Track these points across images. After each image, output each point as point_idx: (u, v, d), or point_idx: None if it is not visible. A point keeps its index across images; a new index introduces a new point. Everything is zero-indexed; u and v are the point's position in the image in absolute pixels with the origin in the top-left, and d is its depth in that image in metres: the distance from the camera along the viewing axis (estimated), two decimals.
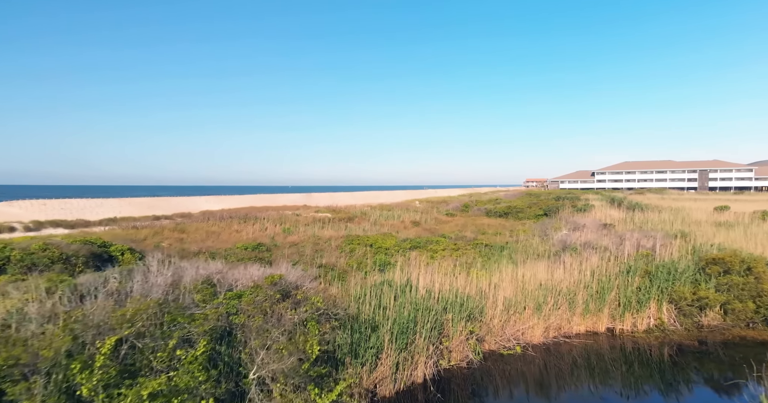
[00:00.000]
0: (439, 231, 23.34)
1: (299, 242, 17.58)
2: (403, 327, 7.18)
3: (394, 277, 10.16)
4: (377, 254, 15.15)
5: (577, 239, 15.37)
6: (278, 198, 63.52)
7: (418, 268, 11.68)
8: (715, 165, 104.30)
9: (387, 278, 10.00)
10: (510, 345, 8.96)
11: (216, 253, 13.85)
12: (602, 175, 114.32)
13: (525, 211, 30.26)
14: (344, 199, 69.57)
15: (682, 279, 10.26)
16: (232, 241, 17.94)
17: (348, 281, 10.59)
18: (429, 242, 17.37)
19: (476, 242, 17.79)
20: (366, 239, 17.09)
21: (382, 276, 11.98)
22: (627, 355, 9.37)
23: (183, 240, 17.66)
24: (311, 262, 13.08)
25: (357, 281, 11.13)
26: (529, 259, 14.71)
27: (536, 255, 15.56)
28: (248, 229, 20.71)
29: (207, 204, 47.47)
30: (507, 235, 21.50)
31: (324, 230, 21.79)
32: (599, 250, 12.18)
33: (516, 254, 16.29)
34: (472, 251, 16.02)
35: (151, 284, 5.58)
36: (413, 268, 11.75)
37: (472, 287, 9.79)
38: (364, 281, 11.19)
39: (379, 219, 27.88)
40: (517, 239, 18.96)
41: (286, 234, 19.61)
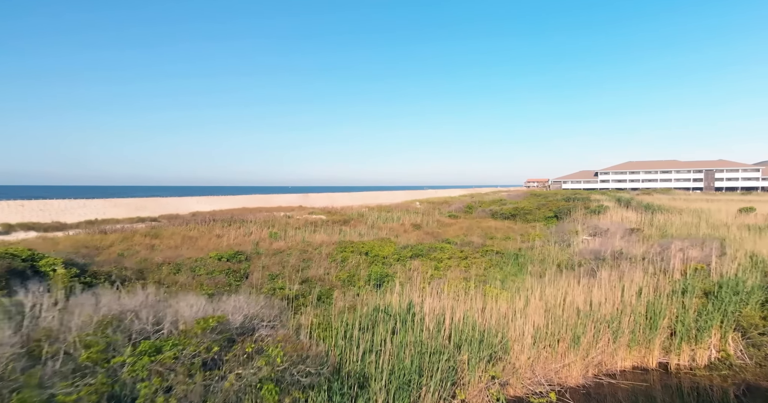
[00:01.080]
0: (443, 235, 21.31)
1: (286, 249, 15.54)
2: (404, 380, 5.17)
3: (392, 300, 8.15)
4: (373, 265, 13.13)
5: (603, 246, 13.35)
6: (274, 198, 61.44)
7: (422, 287, 9.66)
8: (721, 165, 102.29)
9: (383, 302, 7.97)
10: (542, 390, 6.94)
11: (182, 264, 11.81)
12: (606, 175, 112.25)
13: (534, 212, 28.23)
14: (342, 200, 67.48)
15: (751, 301, 8.25)
16: (210, 247, 15.91)
17: (334, 304, 8.57)
18: (432, 248, 15.35)
19: (485, 249, 15.78)
20: (361, 245, 15.07)
21: (377, 294, 10.00)
22: (685, 397, 7.39)
23: (154, 247, 15.63)
24: (294, 276, 11.06)
25: (346, 302, 9.12)
26: (551, 271, 12.70)
27: (556, 265, 13.55)
28: (232, 233, 18.68)
29: (198, 205, 45.42)
30: (518, 240, 19.48)
31: (315, 234, 19.76)
32: (637, 262, 10.16)
33: (533, 263, 14.28)
34: (483, 260, 14.00)
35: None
36: (415, 285, 9.74)
37: (490, 311, 7.78)
38: (354, 301, 9.18)
39: (377, 222, 25.85)
40: (532, 245, 16.94)
41: (273, 239, 17.58)
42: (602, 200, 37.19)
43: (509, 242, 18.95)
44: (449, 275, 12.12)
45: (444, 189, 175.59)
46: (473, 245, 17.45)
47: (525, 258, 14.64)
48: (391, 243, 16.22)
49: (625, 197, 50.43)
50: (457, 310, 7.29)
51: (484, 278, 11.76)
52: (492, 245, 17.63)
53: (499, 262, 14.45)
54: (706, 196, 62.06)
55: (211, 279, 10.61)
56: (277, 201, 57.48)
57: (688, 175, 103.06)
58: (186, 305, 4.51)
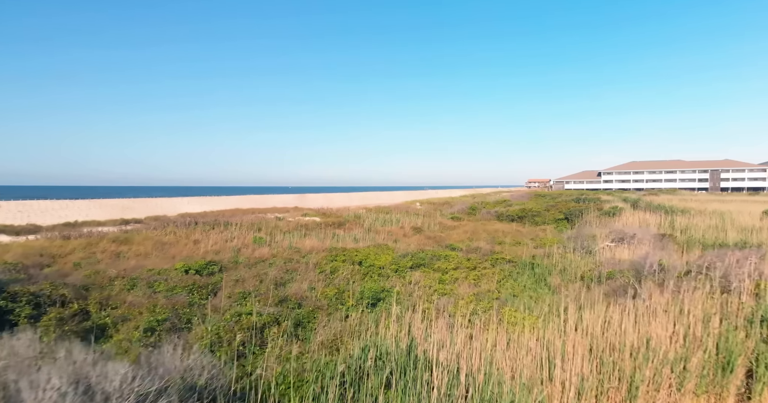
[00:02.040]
0: (446, 240, 19.47)
1: (269, 257, 13.70)
2: None
3: (389, 333, 6.32)
4: (367, 277, 11.28)
5: (636, 255, 11.52)
6: (270, 199, 59.57)
7: (424, 308, 7.84)
8: (727, 165, 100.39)
9: (378, 336, 6.12)
10: None
11: (140, 278, 9.95)
12: (609, 175, 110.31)
13: (542, 214, 26.38)
14: (340, 201, 65.52)
15: None
16: (183, 255, 14.07)
17: (314, 336, 6.74)
18: (436, 257, 13.50)
19: (495, 257, 13.94)
20: (354, 253, 13.22)
21: (371, 317, 8.18)
22: None
23: (121, 255, 13.78)
24: (271, 293, 9.20)
25: (331, 330, 7.28)
26: (575, 285, 10.85)
27: (580, 277, 11.71)
28: (212, 238, 16.83)
29: (189, 206, 43.56)
30: (530, 245, 17.63)
31: (306, 239, 17.92)
32: (691, 278, 8.33)
33: (552, 274, 12.44)
34: (494, 271, 12.16)
35: None
36: (418, 307, 7.90)
37: (516, 349, 5.94)
38: (342, 327, 7.34)
39: (374, 224, 24.00)
40: (547, 252, 15.09)
41: (257, 245, 15.73)
42: (612, 201, 35.30)
43: (520, 247, 17.10)
44: (457, 291, 10.29)
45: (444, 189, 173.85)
46: (481, 252, 15.61)
47: (542, 268, 12.80)
48: (388, 250, 14.38)
49: (632, 198, 48.50)
50: (474, 352, 5.43)
51: (498, 294, 9.91)
52: (502, 251, 15.79)
53: (512, 272, 12.61)
54: (715, 197, 60.19)
55: (169, 298, 8.76)
56: (272, 202, 55.58)
57: (693, 175, 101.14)
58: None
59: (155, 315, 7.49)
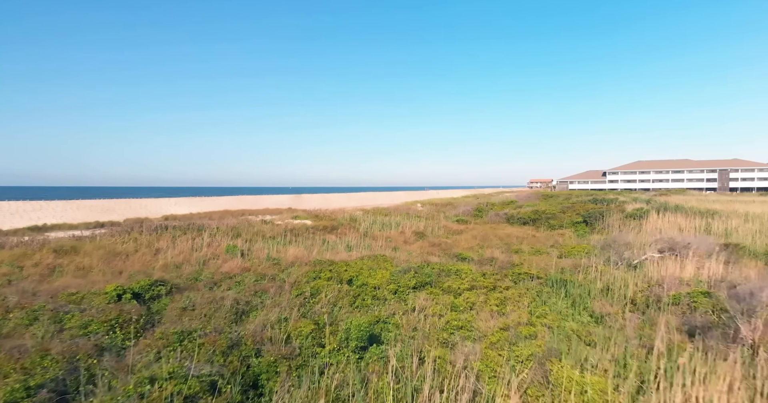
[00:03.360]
0: (453, 247, 16.93)
1: (239, 271, 11.17)
2: None
3: None
4: (358, 301, 8.75)
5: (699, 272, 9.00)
6: (265, 199, 56.98)
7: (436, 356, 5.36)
8: (736, 164, 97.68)
9: None
10: None
11: (43, 309, 7.38)
12: (614, 175, 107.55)
13: (558, 217, 23.81)
14: (337, 201, 62.93)
15: None
16: (136, 268, 11.56)
17: None
18: (444, 271, 10.97)
19: (516, 271, 11.40)
20: (344, 268, 10.69)
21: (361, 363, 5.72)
22: None
23: (56, 269, 11.26)
24: (225, 329, 6.67)
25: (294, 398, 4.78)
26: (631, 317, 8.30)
27: (630, 301, 9.16)
28: (179, 246, 14.30)
29: (176, 207, 41.04)
30: (552, 254, 15.08)
31: (291, 246, 15.38)
32: None
33: (592, 296, 9.90)
34: (518, 292, 9.62)
35: None
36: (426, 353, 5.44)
37: None
38: None
39: (371, 228, 21.46)
40: (576, 264, 12.53)
41: (229, 256, 13.20)
42: (626, 202, 32.70)
43: (542, 257, 14.56)
44: (477, 323, 7.75)
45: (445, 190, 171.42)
46: (497, 264, 13.07)
47: (578, 287, 10.25)
48: (386, 262, 11.84)
49: (642, 198, 45.93)
50: None
51: (533, 329, 7.38)
52: (521, 262, 13.26)
53: (540, 292, 10.06)
54: (730, 198, 57.53)
55: (75, 341, 6.23)
56: (266, 202, 53.01)
57: (701, 175, 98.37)
58: None
59: (31, 376, 4.98)
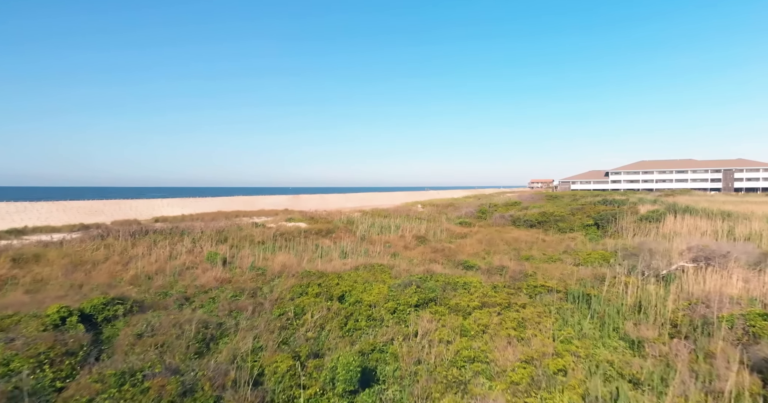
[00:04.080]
0: (457, 253, 15.59)
1: (216, 284, 9.83)
2: None
3: None
4: (351, 323, 7.41)
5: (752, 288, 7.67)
6: (261, 200, 55.58)
7: None
8: (740, 164, 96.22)
9: None
10: None
11: None
12: (617, 175, 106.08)
13: (567, 219, 22.47)
14: (336, 202, 61.52)
15: None
16: (102, 280, 10.23)
17: None
18: (449, 284, 9.63)
19: (531, 284, 10.06)
20: (335, 281, 9.35)
21: None
22: None
23: (10, 282, 9.92)
24: (183, 363, 5.33)
25: None
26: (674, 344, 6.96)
27: (671, 324, 7.82)
28: (156, 253, 12.96)
29: (168, 208, 39.70)
30: (567, 261, 13.75)
31: (280, 252, 14.05)
32: None
33: (623, 316, 8.55)
34: (538, 311, 8.29)
35: None
36: None
37: None
38: None
39: (369, 232, 20.12)
40: (597, 274, 11.17)
41: (210, 264, 11.86)
42: (637, 202, 31.31)
43: (555, 265, 13.22)
44: (493, 354, 6.41)
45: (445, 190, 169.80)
46: (507, 274, 11.74)
47: (603, 303, 8.90)
48: (383, 274, 10.51)
49: (648, 199, 44.60)
50: None
51: (561, 363, 6.05)
52: (534, 272, 11.91)
53: (561, 309, 8.72)
54: (737, 198, 56.19)
55: None
56: (262, 203, 51.61)
57: (705, 175, 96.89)
58: None
59: None
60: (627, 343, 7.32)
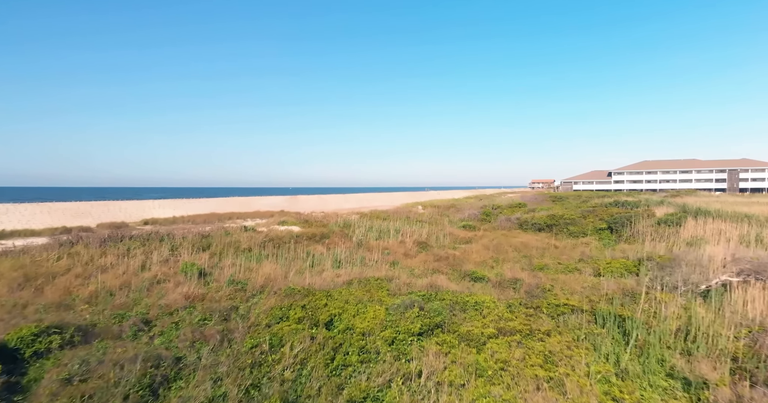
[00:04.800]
0: (463, 261, 14.21)
1: (183, 304, 8.44)
2: None
3: None
4: (338, 361, 6.01)
5: None
6: (258, 201, 54.16)
7: None
8: (745, 164, 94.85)
9: None
10: None
11: None
12: (620, 175, 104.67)
13: (578, 223, 21.09)
14: (334, 203, 60.10)
15: None
16: (58, 294, 8.84)
17: None
18: (458, 304, 8.25)
19: (552, 302, 8.67)
20: (323, 300, 7.95)
21: None
22: None
23: None
24: None
25: None
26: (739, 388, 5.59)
27: (726, 354, 6.45)
28: (127, 263, 11.57)
29: (159, 210, 38.32)
30: (586, 272, 12.36)
31: (267, 261, 12.65)
32: None
33: (665, 344, 7.17)
34: (565, 339, 6.90)
35: None
36: None
37: None
38: None
39: (366, 236, 18.73)
40: (624, 288, 9.78)
41: (184, 277, 10.46)
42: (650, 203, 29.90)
43: (573, 276, 11.83)
44: None
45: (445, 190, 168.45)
46: (522, 288, 10.35)
47: (640, 328, 7.52)
48: (380, 290, 9.11)
49: (654, 199, 43.23)
50: None
51: None
52: (551, 285, 10.52)
53: (590, 335, 7.34)
54: (743, 199, 54.69)
55: None
56: (259, 204, 50.21)
57: (709, 175, 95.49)
58: None
59: None
60: (679, 382, 5.93)
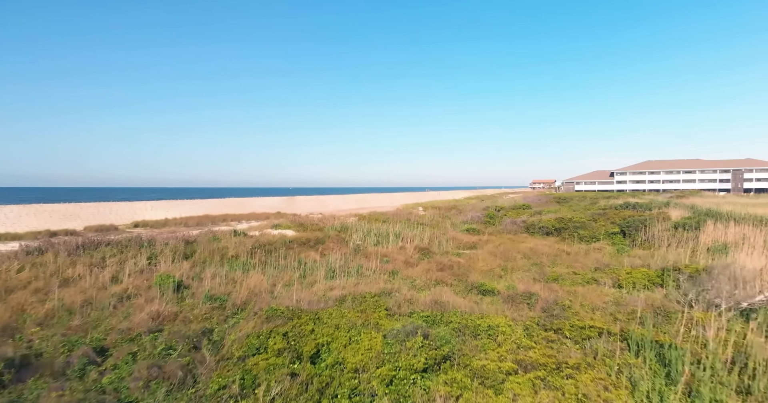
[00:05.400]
0: (469, 270, 13.05)
1: (148, 327, 7.29)
2: None
3: None
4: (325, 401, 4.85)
5: None
6: (254, 202, 52.94)
7: None
8: (749, 164, 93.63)
9: None
10: None
11: None
12: (623, 175, 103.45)
13: (588, 226, 19.93)
14: (333, 203, 58.89)
15: None
16: (9, 314, 7.67)
17: None
18: (468, 329, 7.10)
19: (576, 324, 7.51)
20: (309, 325, 6.80)
21: None
22: None
23: None
24: None
25: None
26: None
27: None
28: (99, 275, 10.41)
29: (152, 211, 37.19)
30: (605, 282, 11.20)
31: (252, 273, 11.50)
32: None
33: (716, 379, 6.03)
34: (598, 377, 5.75)
35: None
36: None
37: None
38: None
39: (364, 241, 17.58)
40: (654, 304, 8.63)
41: (157, 291, 9.31)
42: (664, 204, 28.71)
43: (591, 288, 10.67)
44: None
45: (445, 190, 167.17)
46: (538, 303, 9.19)
47: (685, 358, 6.38)
48: (377, 310, 7.94)
49: (659, 200, 42.05)
50: None
51: None
52: (571, 301, 9.36)
53: (624, 368, 6.20)
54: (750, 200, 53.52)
55: None
56: (255, 205, 49.01)
57: (713, 175, 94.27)
58: None
59: None
60: None
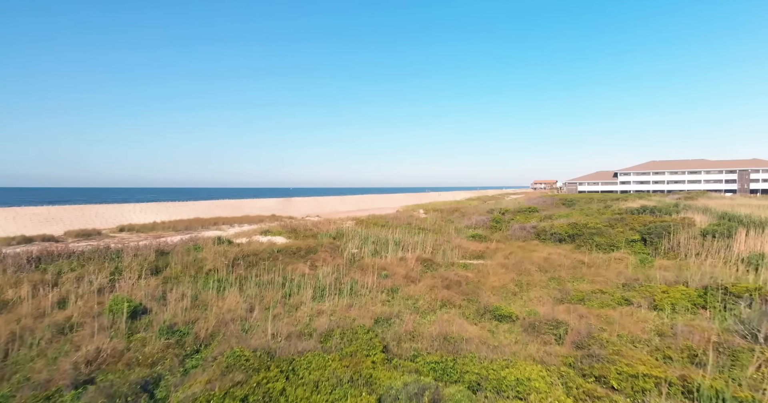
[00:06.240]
0: (479, 287, 11.44)
1: (74, 380, 5.68)
2: None
3: None
4: None
5: None
6: (249, 204, 51.34)
7: None
8: (756, 164, 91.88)
9: None
10: None
11: None
12: (626, 176, 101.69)
13: (605, 233, 18.30)
14: (331, 205, 57.24)
15: None
16: None
17: None
18: (489, 384, 5.50)
19: (625, 371, 5.89)
20: (279, 384, 5.20)
21: None
22: None
23: None
24: None
25: None
26: None
27: None
28: (43, 298, 8.81)
29: (140, 214, 35.56)
30: (639, 304, 9.58)
31: (229, 292, 9.89)
32: None
33: None
34: None
35: None
36: None
37: None
38: None
39: (361, 250, 15.95)
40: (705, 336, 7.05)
41: (107, 319, 7.70)
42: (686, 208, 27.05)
43: (625, 311, 9.06)
44: None
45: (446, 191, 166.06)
46: (569, 336, 7.59)
47: None
48: (372, 351, 6.33)
49: (667, 202, 40.42)
50: None
51: None
52: (604, 329, 7.76)
53: None
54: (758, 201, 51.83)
55: None
56: (250, 207, 47.38)
57: (719, 175, 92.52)
58: None
59: None
60: None
